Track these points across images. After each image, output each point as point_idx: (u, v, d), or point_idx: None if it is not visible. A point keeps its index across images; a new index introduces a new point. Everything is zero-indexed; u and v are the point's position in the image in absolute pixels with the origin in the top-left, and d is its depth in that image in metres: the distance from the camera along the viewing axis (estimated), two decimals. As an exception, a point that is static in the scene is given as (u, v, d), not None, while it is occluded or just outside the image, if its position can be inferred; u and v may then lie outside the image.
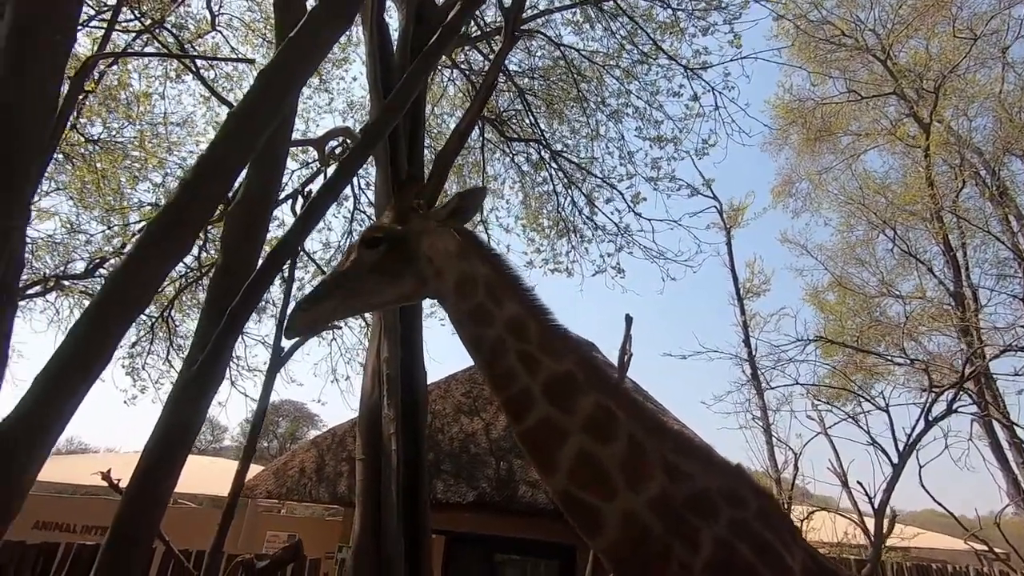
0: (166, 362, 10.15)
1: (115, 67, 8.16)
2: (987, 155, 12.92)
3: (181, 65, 8.04)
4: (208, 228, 8.14)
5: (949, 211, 12.37)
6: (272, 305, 9.83)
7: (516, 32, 6.81)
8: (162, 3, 7.72)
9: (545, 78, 9.65)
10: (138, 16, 7.25)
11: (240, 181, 3.65)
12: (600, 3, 8.48)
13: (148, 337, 9.89)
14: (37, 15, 2.15)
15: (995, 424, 11.45)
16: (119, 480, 3.74)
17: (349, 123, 9.93)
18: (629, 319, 5.28)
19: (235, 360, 9.91)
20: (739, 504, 1.54)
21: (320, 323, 1.88)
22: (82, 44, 7.16)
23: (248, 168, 3.40)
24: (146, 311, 7.94)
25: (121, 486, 3.64)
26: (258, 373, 10.39)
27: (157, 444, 3.11)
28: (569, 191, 9.86)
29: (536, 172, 10.44)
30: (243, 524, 10.05)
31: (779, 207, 16.76)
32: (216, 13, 8.29)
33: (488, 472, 8.16)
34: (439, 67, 9.15)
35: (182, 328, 10.22)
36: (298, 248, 2.86)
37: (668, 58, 8.46)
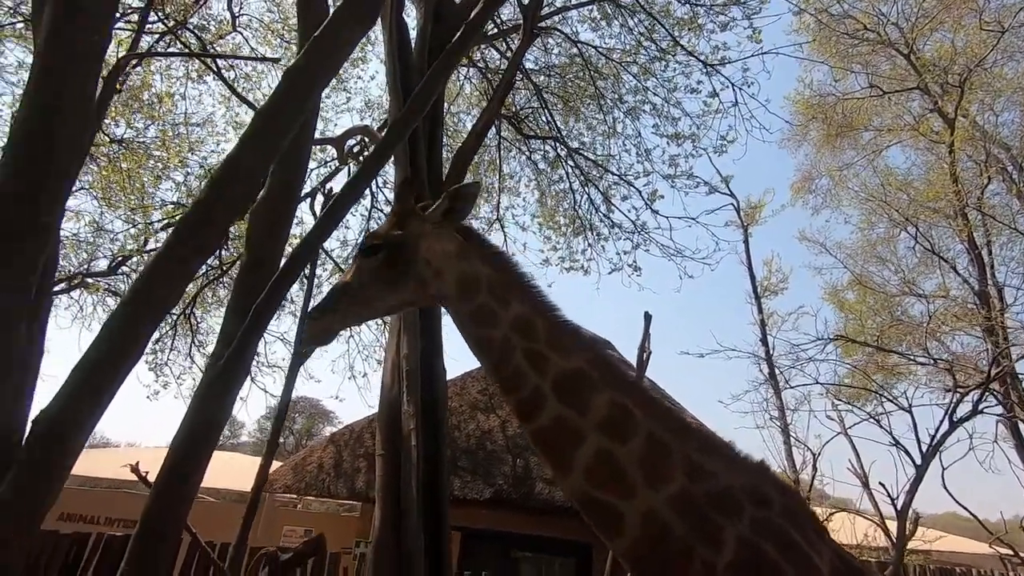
0: (188, 358, 10.33)
1: (139, 68, 8.30)
2: (1014, 150, 12.62)
3: (203, 65, 8.16)
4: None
5: (974, 208, 12.10)
6: (291, 302, 9.95)
7: (534, 29, 6.82)
8: (184, 5, 7.85)
9: (562, 76, 9.63)
10: (162, 18, 7.38)
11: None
12: (618, -1, 8.45)
13: (171, 334, 10.08)
14: (74, 16, 2.21)
15: (1021, 426, 11.20)
16: (147, 472, 3.82)
17: (367, 122, 10.01)
18: (648, 317, 5.27)
19: (255, 356, 10.05)
20: (763, 502, 1.50)
21: (330, 332, 1.89)
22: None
23: (272, 166, 3.45)
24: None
25: (147, 478, 3.71)
26: (277, 369, 10.54)
27: (184, 440, 3.17)
28: (586, 188, 9.84)
29: (552, 170, 10.43)
30: (261, 518, 10.19)
31: (798, 204, 16.54)
32: (236, 14, 8.41)
33: (505, 469, 8.19)
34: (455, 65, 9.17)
35: (203, 325, 10.41)
36: (320, 247, 2.90)
37: (687, 54, 8.40)
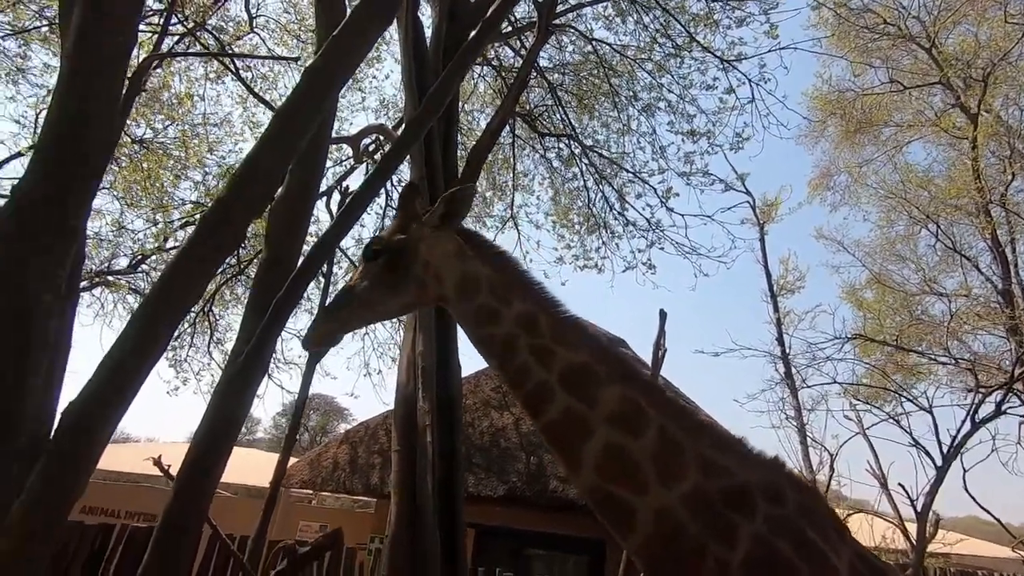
0: (207, 355, 10.50)
1: (159, 69, 8.44)
2: (1040, 146, 12.34)
3: (221, 66, 8.28)
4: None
5: (997, 204, 11.85)
6: (307, 300, 10.06)
7: (549, 27, 6.81)
8: (204, 6, 7.97)
9: (576, 73, 9.61)
10: (181, 20, 7.50)
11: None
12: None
13: (190, 331, 10.25)
14: (101, 19, 2.26)
15: (1046, 427, 10.95)
16: (169, 466, 3.90)
17: (382, 121, 10.07)
18: (663, 314, 5.26)
19: (273, 353, 10.18)
20: (778, 499, 1.47)
21: (335, 335, 1.91)
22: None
23: (290, 165, 3.49)
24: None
25: (169, 472, 3.79)
26: (294, 366, 10.66)
27: (204, 436, 3.23)
28: (600, 186, 9.81)
29: (566, 168, 10.41)
30: (277, 513, 10.33)
31: (815, 201, 16.32)
32: (254, 15, 8.51)
33: (518, 466, 8.22)
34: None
35: (221, 322, 10.57)
36: (337, 245, 2.94)
37: (702, 50, 8.33)
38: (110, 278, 11.08)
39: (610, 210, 9.94)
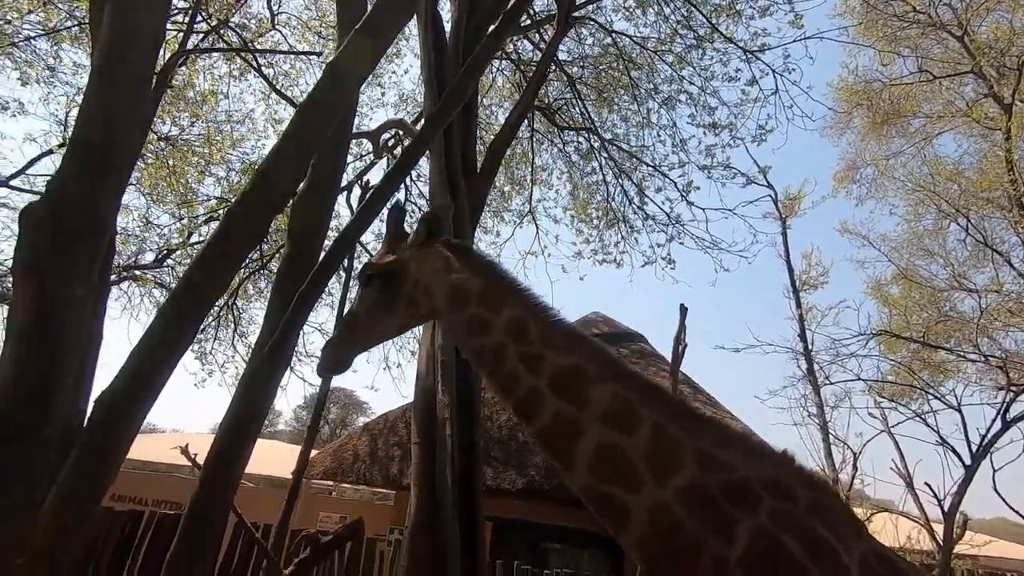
0: (231, 347, 10.70)
1: (183, 67, 8.59)
2: (1077, 136, 11.89)
3: (244, 63, 8.39)
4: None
5: (1032, 197, 11.47)
6: (328, 294, 10.18)
7: (569, 19, 6.76)
8: (227, 4, 8.07)
9: (595, 66, 9.52)
10: (205, 18, 7.62)
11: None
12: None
13: (215, 324, 10.46)
14: (129, 17, 2.30)
15: (1081, 427, 10.61)
16: (196, 454, 3.99)
17: (401, 115, 10.12)
18: (684, 309, 5.20)
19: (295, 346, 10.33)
20: (786, 495, 1.42)
21: (345, 361, 1.97)
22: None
23: (313, 158, 3.53)
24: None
25: (196, 460, 3.87)
26: (315, 359, 10.77)
27: (229, 426, 3.29)
28: (619, 180, 9.73)
29: (585, 162, 10.35)
30: (298, 504, 10.53)
31: (839, 195, 15.99)
32: (275, 12, 8.60)
33: (537, 460, 8.23)
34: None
35: (244, 316, 10.76)
36: (358, 238, 2.97)
37: (725, 40, 8.18)
38: (137, 273, 11.34)
39: (629, 204, 9.87)
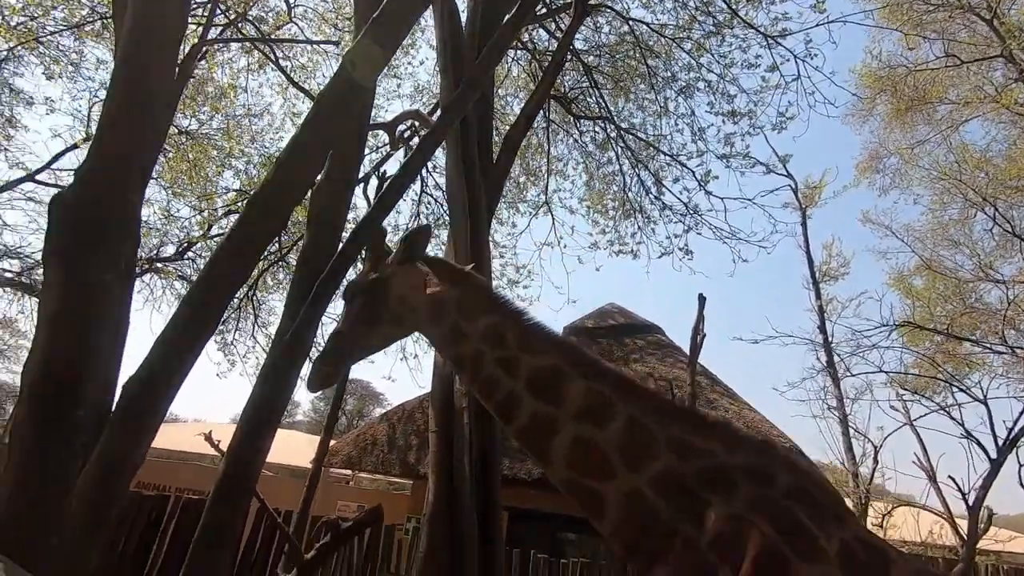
0: (251, 338, 10.87)
1: (203, 61, 8.68)
2: (1111, 123, 11.51)
3: (262, 56, 8.45)
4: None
5: (1063, 186, 11.15)
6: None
7: (585, 7, 6.69)
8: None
9: (612, 55, 9.42)
10: (223, 11, 7.68)
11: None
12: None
13: (236, 315, 10.62)
14: (153, 10, 2.33)
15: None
16: (219, 441, 4.07)
17: (416, 106, 10.12)
18: (702, 299, 5.17)
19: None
20: (765, 481, 1.44)
21: (333, 376, 2.06)
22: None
23: (331, 150, 3.54)
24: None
25: (220, 447, 3.94)
26: (332, 350, 10.89)
27: (251, 415, 3.34)
28: (636, 170, 9.64)
29: (601, 152, 10.27)
30: (317, 492, 10.71)
31: (861, 185, 15.70)
32: (292, 5, 8.64)
33: (553, 451, 8.22)
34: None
35: (264, 307, 10.91)
36: (383, 219, 2.99)
37: (745, 26, 8.02)
38: (158, 265, 11.55)
39: (646, 194, 9.78)
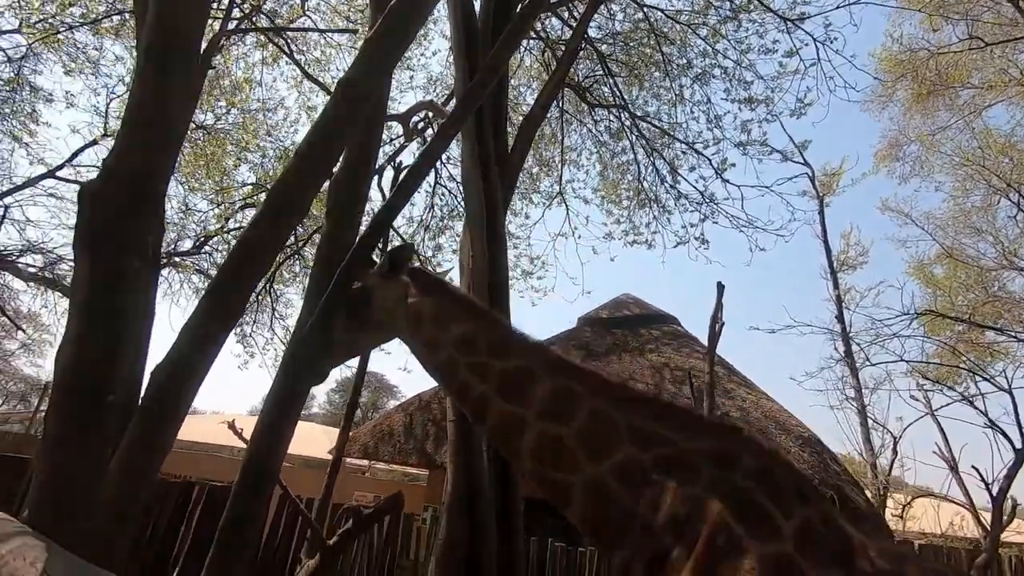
0: (270, 330, 11.00)
1: (218, 55, 8.73)
2: None
3: (276, 50, 8.48)
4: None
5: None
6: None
7: (600, -7, 6.60)
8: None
9: (626, 42, 9.32)
10: (239, 4, 7.71)
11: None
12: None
13: (254, 307, 10.75)
14: (178, 4, 2.34)
15: None
16: (242, 429, 4.12)
17: (430, 98, 10.10)
18: (721, 287, 5.12)
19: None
20: (727, 465, 1.46)
21: (323, 373, 2.38)
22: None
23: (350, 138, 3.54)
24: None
25: (240, 435, 4.00)
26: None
27: (273, 405, 3.38)
28: (651, 159, 9.56)
29: (616, 141, 10.19)
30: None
31: (880, 172, 15.44)
32: (306, -4, 8.65)
33: (569, 441, 8.24)
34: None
35: (281, 299, 11.03)
36: (398, 212, 3.00)
37: (763, 9, 7.88)
38: (176, 259, 11.71)
39: (661, 183, 9.70)
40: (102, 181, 2.21)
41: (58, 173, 11.24)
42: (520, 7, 2.85)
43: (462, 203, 10.57)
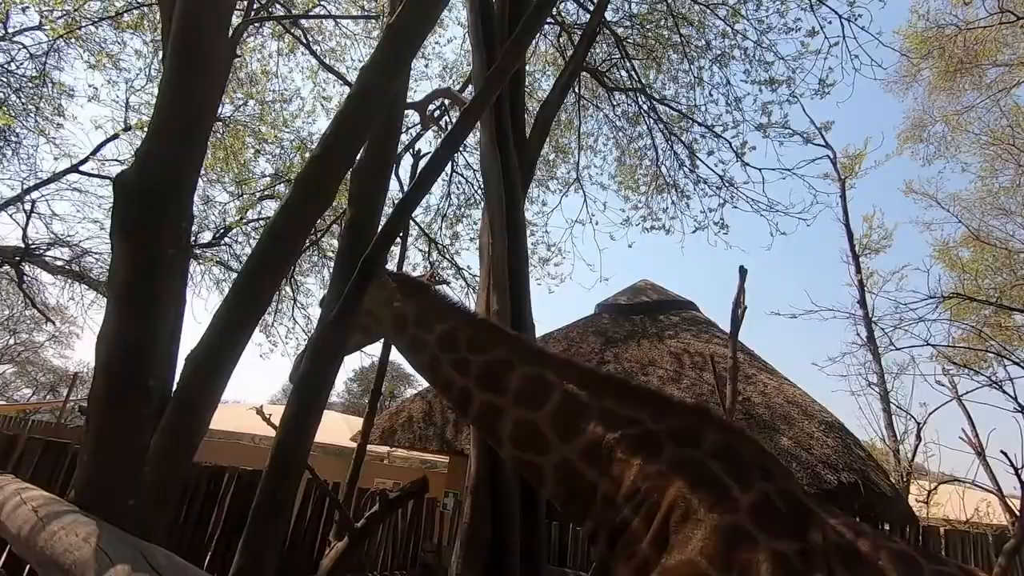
0: (291, 319, 11.15)
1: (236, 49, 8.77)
2: None
3: (293, 39, 8.50)
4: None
5: None
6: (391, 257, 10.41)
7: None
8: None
9: (643, 25, 9.17)
10: (256, -4, 7.72)
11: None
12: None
13: (276, 297, 10.89)
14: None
15: None
16: (271, 415, 4.20)
17: (446, 86, 10.06)
18: (743, 271, 5.07)
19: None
20: (690, 442, 1.53)
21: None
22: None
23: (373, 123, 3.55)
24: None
25: (269, 421, 4.08)
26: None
27: (300, 391, 3.43)
28: (669, 143, 9.44)
29: (632, 126, 10.08)
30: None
31: (904, 154, 15.08)
32: (322, -14, 8.64)
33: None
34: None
35: (302, 289, 11.16)
36: (420, 199, 3.02)
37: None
38: (197, 251, 11.88)
39: (680, 168, 9.58)
40: (136, 171, 2.25)
41: (81, 168, 11.46)
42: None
43: (479, 191, 10.57)
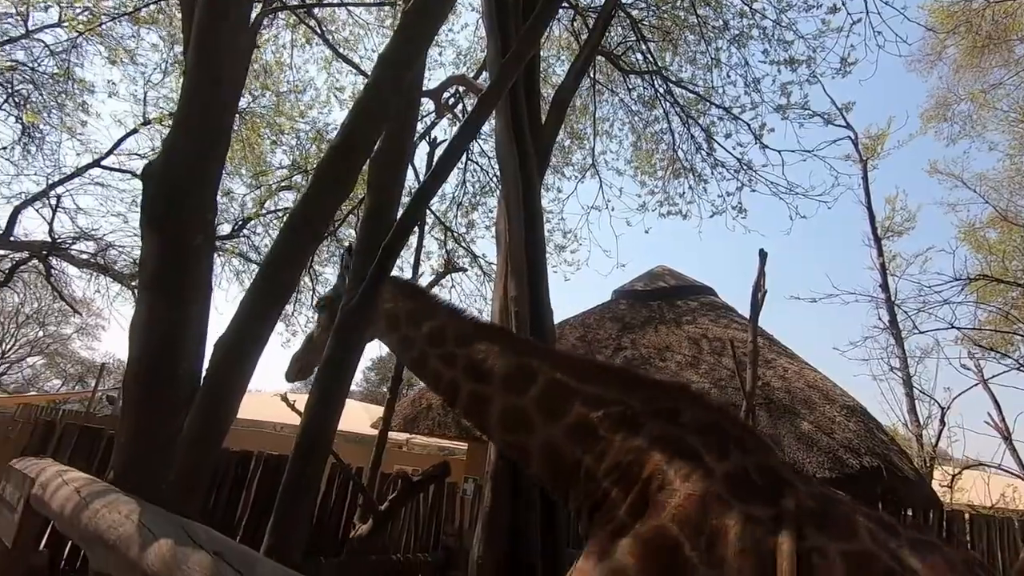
0: (311, 309, 11.29)
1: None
2: None
3: (308, 30, 8.53)
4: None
5: None
6: (408, 247, 10.46)
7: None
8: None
9: (659, 6, 9.02)
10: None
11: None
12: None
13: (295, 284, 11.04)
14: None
15: None
16: (295, 401, 4.30)
17: (460, 73, 10.02)
18: (763, 255, 5.02)
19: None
20: (670, 419, 1.58)
21: (307, 369, 2.69)
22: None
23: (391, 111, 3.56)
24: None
25: (293, 407, 4.17)
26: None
27: (323, 377, 3.49)
28: (687, 126, 9.32)
29: (649, 110, 9.96)
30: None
31: (929, 133, 14.71)
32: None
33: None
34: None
35: (320, 278, 11.29)
36: (440, 185, 3.04)
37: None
38: (217, 243, 12.05)
39: (697, 151, 9.46)
40: (163, 162, 2.30)
41: (103, 163, 11.66)
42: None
43: (494, 178, 10.55)
